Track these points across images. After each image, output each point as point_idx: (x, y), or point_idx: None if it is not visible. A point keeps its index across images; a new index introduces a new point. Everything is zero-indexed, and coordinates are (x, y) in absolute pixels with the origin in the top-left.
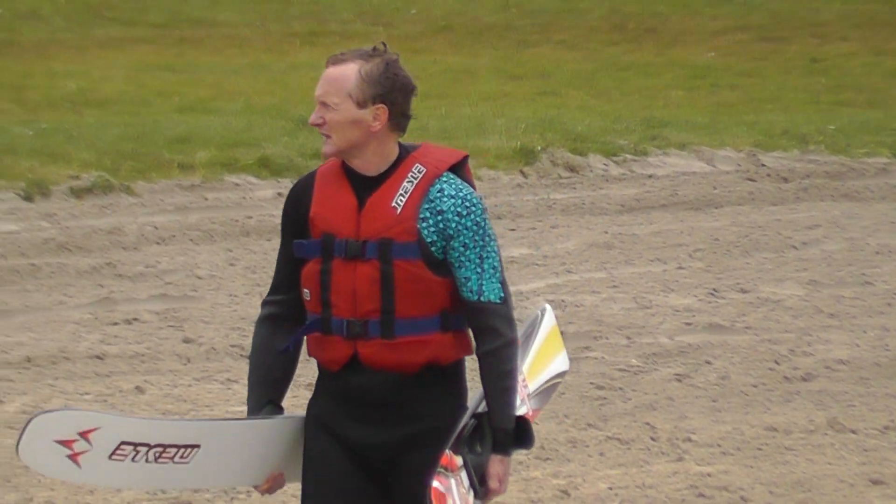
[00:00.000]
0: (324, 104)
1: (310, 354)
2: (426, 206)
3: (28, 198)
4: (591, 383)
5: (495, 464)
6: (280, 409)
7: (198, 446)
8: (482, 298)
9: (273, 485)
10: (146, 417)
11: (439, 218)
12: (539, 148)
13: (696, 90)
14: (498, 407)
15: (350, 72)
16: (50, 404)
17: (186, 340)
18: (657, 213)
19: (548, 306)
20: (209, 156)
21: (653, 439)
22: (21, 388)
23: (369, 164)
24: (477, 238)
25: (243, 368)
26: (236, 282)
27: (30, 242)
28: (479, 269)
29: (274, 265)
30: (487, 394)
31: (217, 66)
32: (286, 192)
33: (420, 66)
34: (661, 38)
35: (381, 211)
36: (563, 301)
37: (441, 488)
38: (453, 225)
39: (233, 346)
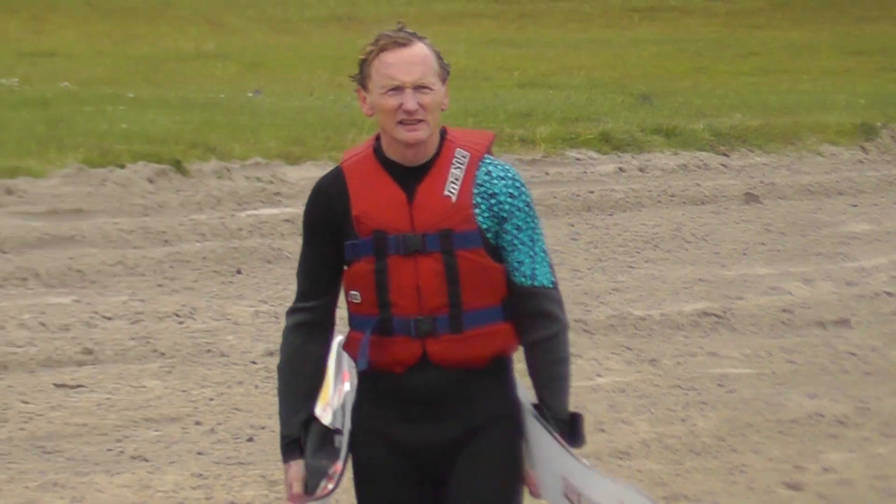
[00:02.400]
0: (420, 87)
1: (359, 359)
2: (476, 191)
3: None
4: None
5: None
6: (318, 421)
7: None
8: (535, 283)
9: None
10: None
11: (493, 201)
12: (880, 124)
13: None
14: (559, 394)
15: (427, 51)
16: None
17: None
18: None
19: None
20: (550, 130)
21: None
22: None
23: (427, 150)
24: (528, 220)
25: (585, 344)
26: (578, 256)
27: None
28: (531, 253)
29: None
30: (544, 381)
31: (558, 41)
32: (627, 167)
33: (760, 41)
34: None
35: (435, 201)
36: None
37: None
38: (507, 207)
39: (576, 321)
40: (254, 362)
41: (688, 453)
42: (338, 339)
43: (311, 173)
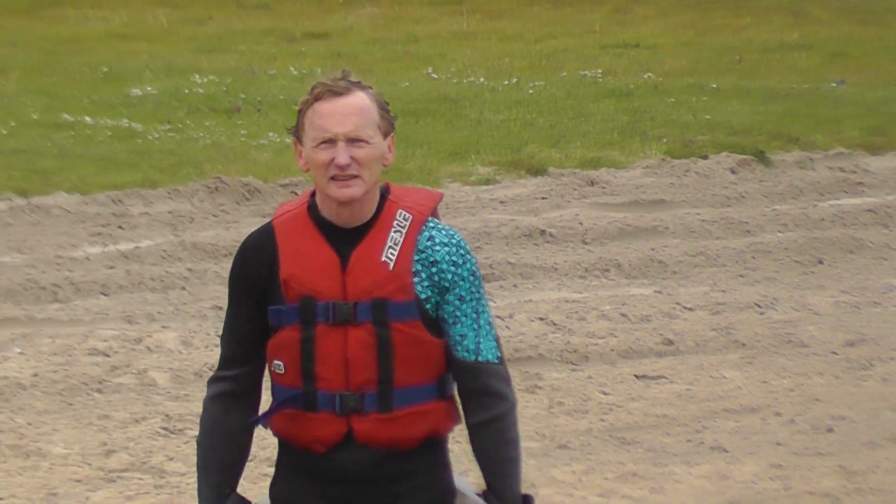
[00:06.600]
0: (354, 140)
1: (278, 434)
2: (417, 257)
3: None
4: None
5: None
6: (243, 499)
7: None
8: (480, 358)
9: None
10: None
11: (434, 270)
12: None
13: None
14: (508, 480)
15: (367, 101)
16: None
17: None
18: None
19: None
20: None
21: None
22: None
23: (364, 210)
24: (473, 290)
25: None
26: None
27: None
28: (475, 326)
29: None
30: (492, 466)
31: None
32: None
33: None
34: None
35: (371, 267)
36: None
37: None
38: (449, 276)
39: None
40: (834, 353)
41: None
42: None
43: (893, 163)
